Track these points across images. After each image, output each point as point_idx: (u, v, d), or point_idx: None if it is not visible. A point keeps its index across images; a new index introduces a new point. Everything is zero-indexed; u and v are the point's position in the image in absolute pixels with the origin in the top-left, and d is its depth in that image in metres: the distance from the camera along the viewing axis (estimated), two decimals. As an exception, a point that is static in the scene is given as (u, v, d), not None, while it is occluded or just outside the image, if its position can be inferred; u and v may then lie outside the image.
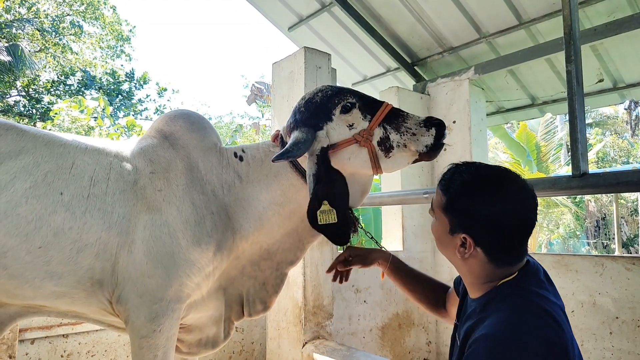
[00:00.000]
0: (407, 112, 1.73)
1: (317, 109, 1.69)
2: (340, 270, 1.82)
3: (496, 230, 1.20)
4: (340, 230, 1.66)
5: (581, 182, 1.97)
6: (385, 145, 1.67)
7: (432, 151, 1.66)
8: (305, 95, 1.79)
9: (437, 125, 1.67)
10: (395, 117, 1.69)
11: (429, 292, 1.76)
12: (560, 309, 1.20)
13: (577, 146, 2.01)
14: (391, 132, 1.67)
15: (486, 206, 1.20)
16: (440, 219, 1.31)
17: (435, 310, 1.73)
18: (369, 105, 1.71)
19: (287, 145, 1.62)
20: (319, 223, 1.62)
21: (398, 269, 1.79)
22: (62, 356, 2.69)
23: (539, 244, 14.44)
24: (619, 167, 16.24)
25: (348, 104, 1.68)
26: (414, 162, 1.73)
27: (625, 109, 21.53)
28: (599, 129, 21.24)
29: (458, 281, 1.58)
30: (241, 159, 1.83)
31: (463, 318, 1.37)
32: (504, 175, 1.25)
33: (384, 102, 1.73)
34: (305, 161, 1.72)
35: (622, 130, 21.71)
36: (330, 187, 1.62)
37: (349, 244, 1.77)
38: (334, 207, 1.61)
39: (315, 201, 1.61)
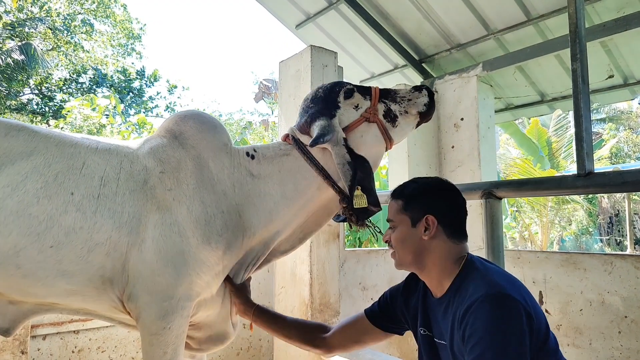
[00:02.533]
0: (394, 88, 1.96)
1: (324, 101, 1.84)
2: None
3: (450, 208, 1.51)
4: (368, 212, 1.82)
5: (586, 181, 1.95)
6: (390, 116, 1.88)
7: (429, 109, 1.93)
8: (307, 96, 1.91)
9: (426, 88, 1.95)
10: (388, 92, 1.94)
11: (304, 332, 1.85)
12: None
13: (582, 145, 1.99)
14: (391, 104, 1.90)
15: (438, 192, 1.54)
16: (400, 222, 1.54)
17: (313, 347, 1.81)
18: (363, 89, 1.91)
19: (317, 132, 1.74)
20: (355, 207, 1.78)
21: (263, 313, 1.87)
22: (73, 352, 2.75)
23: (550, 240, 14.30)
24: (632, 164, 16.01)
25: (348, 89, 1.86)
26: (417, 125, 1.97)
27: (639, 103, 21.19)
28: (612, 124, 20.92)
29: (375, 308, 1.74)
30: (252, 157, 1.85)
31: (434, 320, 1.51)
32: (440, 178, 1.61)
33: (370, 86, 1.94)
34: (319, 154, 1.83)
35: (636, 126, 21.36)
36: (360, 171, 1.77)
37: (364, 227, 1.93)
38: (364, 192, 1.77)
39: (354, 186, 1.76)
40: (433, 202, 1.50)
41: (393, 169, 4.65)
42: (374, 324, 1.72)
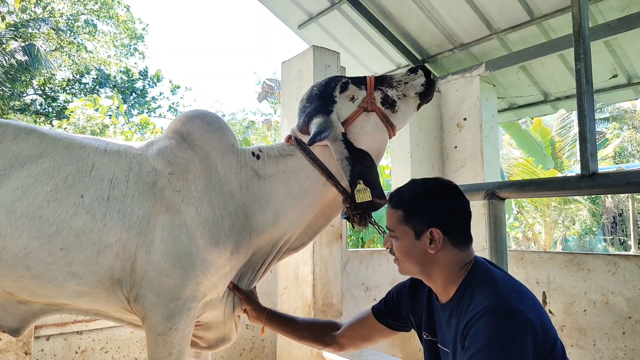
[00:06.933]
0: (389, 74, 1.92)
1: (319, 98, 1.83)
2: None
3: (454, 216, 1.43)
4: (374, 206, 1.78)
5: (590, 182, 1.94)
6: (389, 102, 1.85)
7: (428, 88, 1.88)
8: (303, 97, 1.91)
9: (421, 68, 1.90)
10: (383, 79, 1.90)
11: (315, 332, 1.88)
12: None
13: (586, 146, 1.98)
14: (388, 90, 1.86)
15: (440, 199, 1.44)
16: (402, 233, 1.46)
17: (324, 345, 1.86)
18: (358, 79, 1.88)
19: (314, 130, 1.73)
20: (357, 201, 1.75)
21: (275, 317, 1.91)
22: (76, 352, 2.75)
23: (554, 240, 14.26)
24: (636, 163, 15.95)
25: (343, 82, 1.85)
26: (418, 107, 1.93)
27: (643, 102, 21.06)
28: (616, 123, 20.83)
29: (381, 306, 1.75)
30: (258, 157, 1.86)
31: (438, 326, 1.48)
32: (440, 180, 1.50)
33: (365, 75, 1.90)
34: (321, 153, 1.82)
35: (640, 125, 21.27)
36: (361, 165, 1.75)
37: (367, 227, 1.89)
38: (367, 186, 1.74)
39: (354, 181, 1.74)
40: (436, 211, 1.41)
41: (395, 169, 4.64)
42: (380, 321, 1.73)
